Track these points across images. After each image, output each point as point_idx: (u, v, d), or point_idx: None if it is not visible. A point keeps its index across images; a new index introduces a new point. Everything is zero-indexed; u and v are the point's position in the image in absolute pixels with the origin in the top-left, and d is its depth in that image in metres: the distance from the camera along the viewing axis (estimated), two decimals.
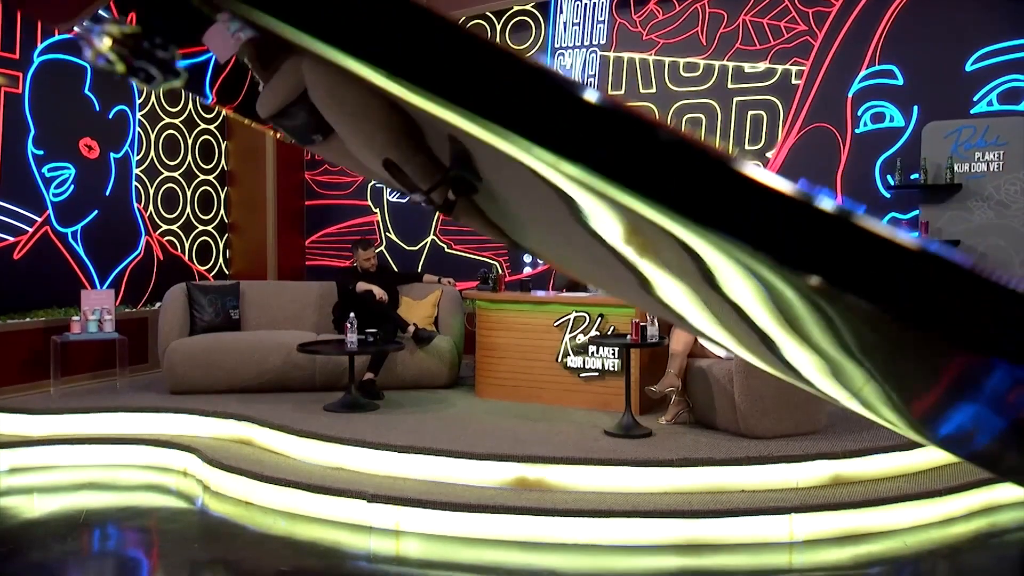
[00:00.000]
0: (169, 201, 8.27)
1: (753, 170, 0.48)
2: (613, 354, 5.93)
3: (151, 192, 8.06)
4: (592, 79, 8.13)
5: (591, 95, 0.50)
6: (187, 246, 8.48)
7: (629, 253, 0.64)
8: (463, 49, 0.52)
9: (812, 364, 0.64)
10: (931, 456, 4.79)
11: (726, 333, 0.73)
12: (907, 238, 0.47)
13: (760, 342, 0.66)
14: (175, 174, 8.34)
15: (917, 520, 4.42)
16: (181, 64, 0.55)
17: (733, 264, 0.50)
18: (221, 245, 8.92)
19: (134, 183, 7.87)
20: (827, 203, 0.47)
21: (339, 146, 0.84)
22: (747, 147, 7.59)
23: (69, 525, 4.67)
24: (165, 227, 8.22)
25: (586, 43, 8.16)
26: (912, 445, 4.72)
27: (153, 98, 8.12)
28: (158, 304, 7.24)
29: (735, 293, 0.56)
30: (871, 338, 0.53)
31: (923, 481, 4.61)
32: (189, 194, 8.51)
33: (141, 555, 4.60)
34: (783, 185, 0.47)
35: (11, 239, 6.70)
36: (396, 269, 8.08)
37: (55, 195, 7.07)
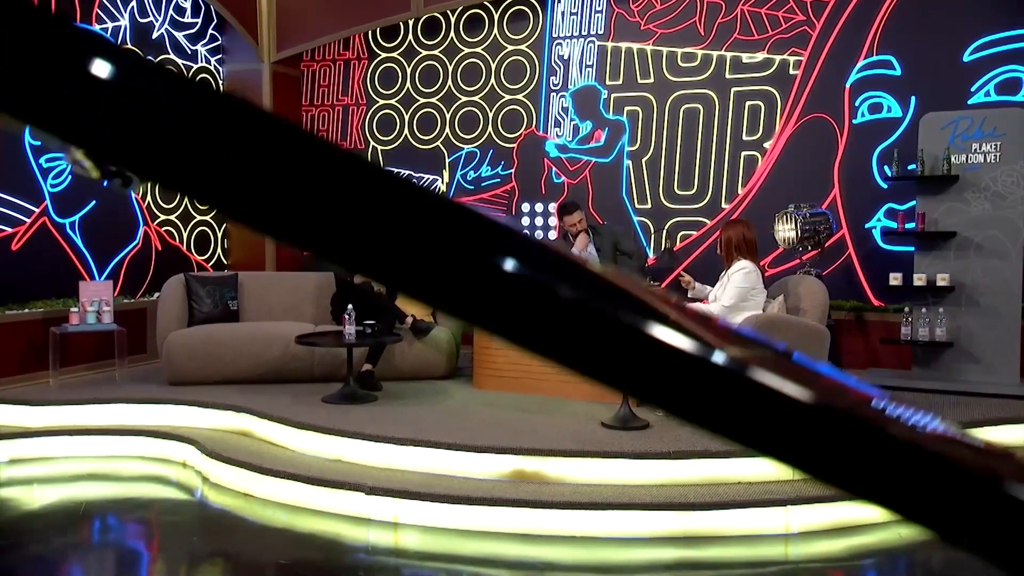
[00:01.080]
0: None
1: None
2: None
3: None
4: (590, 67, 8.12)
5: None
6: (185, 236, 8.48)
7: None
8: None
9: None
10: None
11: None
12: None
13: None
14: None
15: None
16: None
17: None
18: (219, 235, 8.92)
19: None
20: None
21: None
22: (744, 137, 7.59)
23: (68, 516, 4.69)
24: (163, 217, 8.22)
25: (584, 33, 8.14)
26: None
27: None
28: (156, 295, 7.24)
29: None
30: None
31: None
32: None
33: (140, 547, 4.63)
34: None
35: (9, 230, 6.69)
36: None
37: (53, 185, 7.07)
